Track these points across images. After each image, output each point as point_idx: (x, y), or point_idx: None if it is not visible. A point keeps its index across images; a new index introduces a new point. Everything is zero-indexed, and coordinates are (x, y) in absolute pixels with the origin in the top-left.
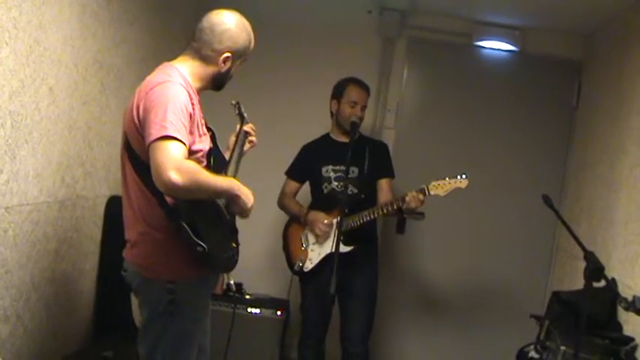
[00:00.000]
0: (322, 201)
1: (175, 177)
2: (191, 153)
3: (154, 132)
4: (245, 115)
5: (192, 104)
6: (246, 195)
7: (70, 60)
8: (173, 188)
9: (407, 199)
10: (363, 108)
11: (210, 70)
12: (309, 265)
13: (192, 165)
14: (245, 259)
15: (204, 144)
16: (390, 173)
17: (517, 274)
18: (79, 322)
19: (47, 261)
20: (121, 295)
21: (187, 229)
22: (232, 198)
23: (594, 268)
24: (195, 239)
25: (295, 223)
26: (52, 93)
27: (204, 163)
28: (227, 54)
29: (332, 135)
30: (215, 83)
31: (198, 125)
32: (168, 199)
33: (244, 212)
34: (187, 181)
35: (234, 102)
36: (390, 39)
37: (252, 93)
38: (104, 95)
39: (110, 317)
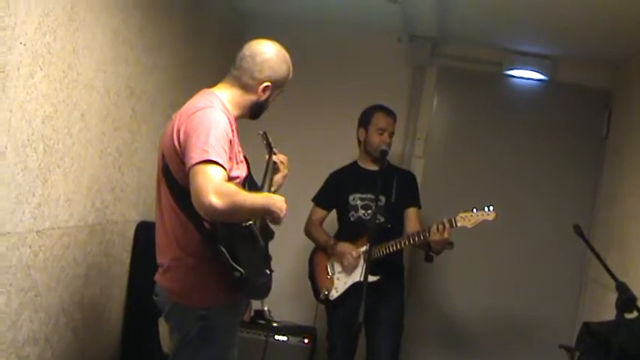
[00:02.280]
0: (349, 229)
1: (215, 200)
2: (229, 179)
3: (196, 156)
4: (273, 145)
5: (232, 130)
6: (280, 208)
7: (102, 86)
8: (213, 212)
9: (432, 230)
10: (391, 134)
11: (249, 98)
12: (334, 294)
13: (231, 187)
14: (272, 287)
15: (241, 171)
16: (417, 203)
17: (547, 304)
18: (106, 347)
19: (76, 285)
20: (149, 321)
21: (225, 253)
22: (269, 214)
23: (626, 299)
24: (233, 264)
25: (321, 251)
26: (83, 118)
27: None
28: (266, 83)
29: (360, 163)
30: (252, 112)
31: (236, 152)
32: (206, 224)
33: (277, 221)
34: (227, 204)
35: (261, 132)
36: (420, 67)
37: (282, 120)
38: (135, 121)
39: (138, 343)
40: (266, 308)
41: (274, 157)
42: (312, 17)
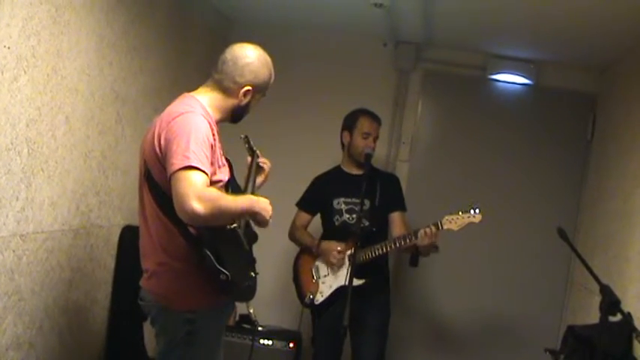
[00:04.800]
0: (334, 233)
1: (197, 206)
2: (212, 183)
3: (177, 162)
4: (255, 148)
5: (213, 135)
6: (265, 209)
7: (86, 89)
8: (196, 217)
9: (419, 234)
10: (376, 139)
11: (230, 102)
12: (319, 298)
13: (213, 192)
14: (257, 290)
15: (223, 174)
16: (402, 206)
17: (531, 308)
18: (90, 351)
19: (61, 289)
20: (134, 325)
21: (211, 257)
22: (253, 215)
23: (610, 302)
24: (219, 267)
25: (306, 255)
26: (68, 121)
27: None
28: (248, 87)
29: (343, 167)
30: (233, 116)
31: (217, 156)
32: (191, 229)
33: (263, 224)
34: (209, 209)
35: (242, 136)
36: (405, 72)
37: (267, 124)
38: (120, 125)
39: (122, 347)
40: (252, 311)
41: (258, 161)
42: (297, 22)
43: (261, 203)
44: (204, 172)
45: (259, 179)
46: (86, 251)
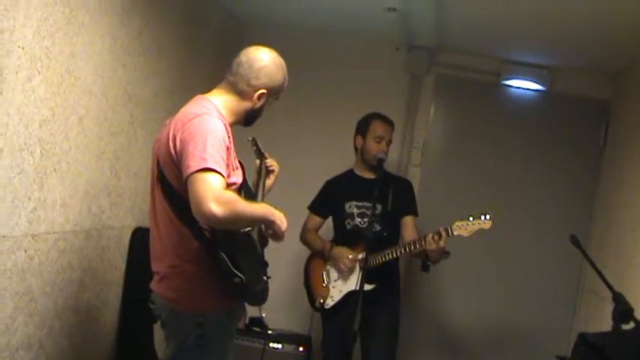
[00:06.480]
0: (345, 237)
1: (215, 208)
2: (227, 186)
3: (193, 164)
4: (263, 150)
5: (229, 137)
6: (281, 219)
7: (99, 90)
8: (213, 219)
9: (427, 239)
10: (389, 143)
11: (244, 105)
12: (330, 302)
13: (230, 195)
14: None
15: (237, 177)
16: (414, 211)
17: (542, 315)
18: (100, 353)
19: (71, 290)
20: (144, 327)
21: (226, 259)
22: (268, 224)
23: (623, 310)
24: (234, 270)
25: (317, 259)
26: (81, 123)
27: None
28: (262, 90)
29: (356, 171)
30: (247, 119)
31: (232, 158)
32: (205, 231)
33: (279, 236)
34: (227, 212)
35: (250, 138)
36: (418, 76)
37: (279, 127)
38: (132, 126)
39: (132, 349)
40: (264, 315)
41: (266, 162)
42: (310, 25)
43: (277, 213)
44: (221, 174)
45: (269, 181)
46: (97, 252)
